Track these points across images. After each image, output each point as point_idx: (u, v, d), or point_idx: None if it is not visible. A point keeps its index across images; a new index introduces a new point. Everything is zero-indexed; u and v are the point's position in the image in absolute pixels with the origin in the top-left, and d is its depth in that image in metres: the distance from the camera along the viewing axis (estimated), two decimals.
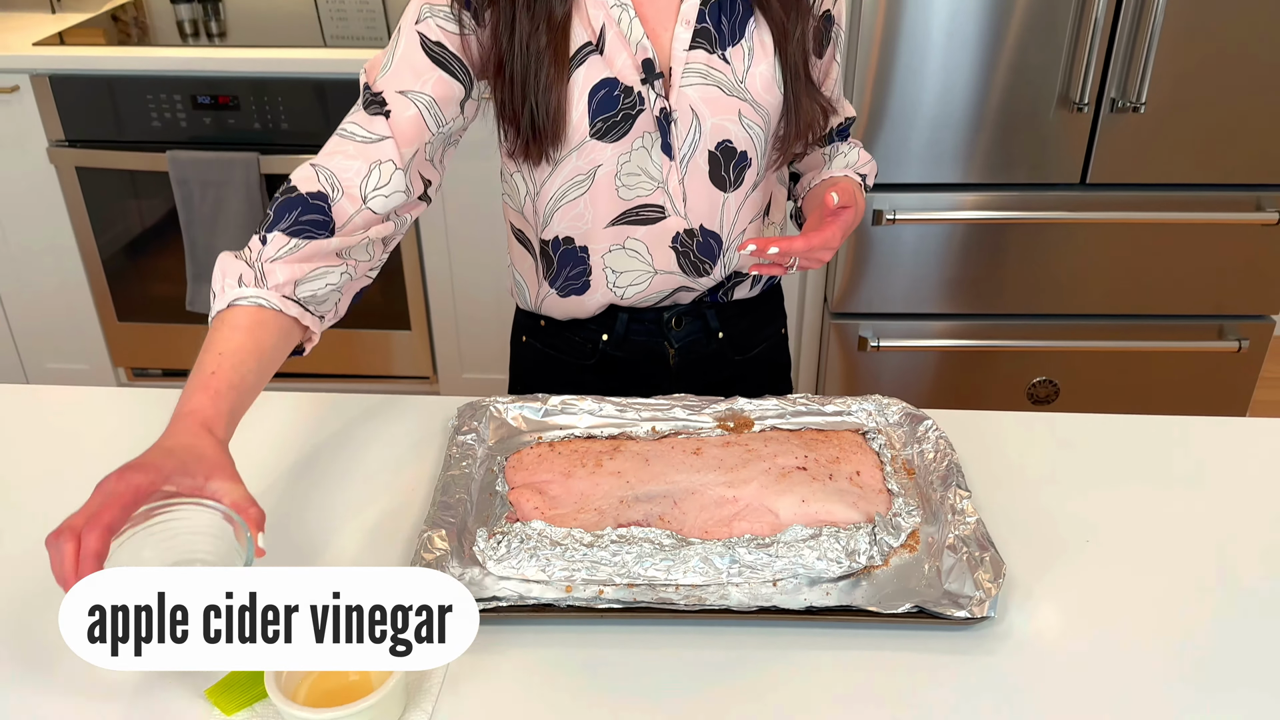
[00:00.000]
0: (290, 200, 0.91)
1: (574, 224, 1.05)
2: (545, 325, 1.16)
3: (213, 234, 2.25)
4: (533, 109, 0.95)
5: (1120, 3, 1.84)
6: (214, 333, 0.86)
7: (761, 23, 0.98)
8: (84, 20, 2.39)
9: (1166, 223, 2.03)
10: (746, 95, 1.00)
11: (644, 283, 1.08)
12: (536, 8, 0.93)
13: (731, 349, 1.17)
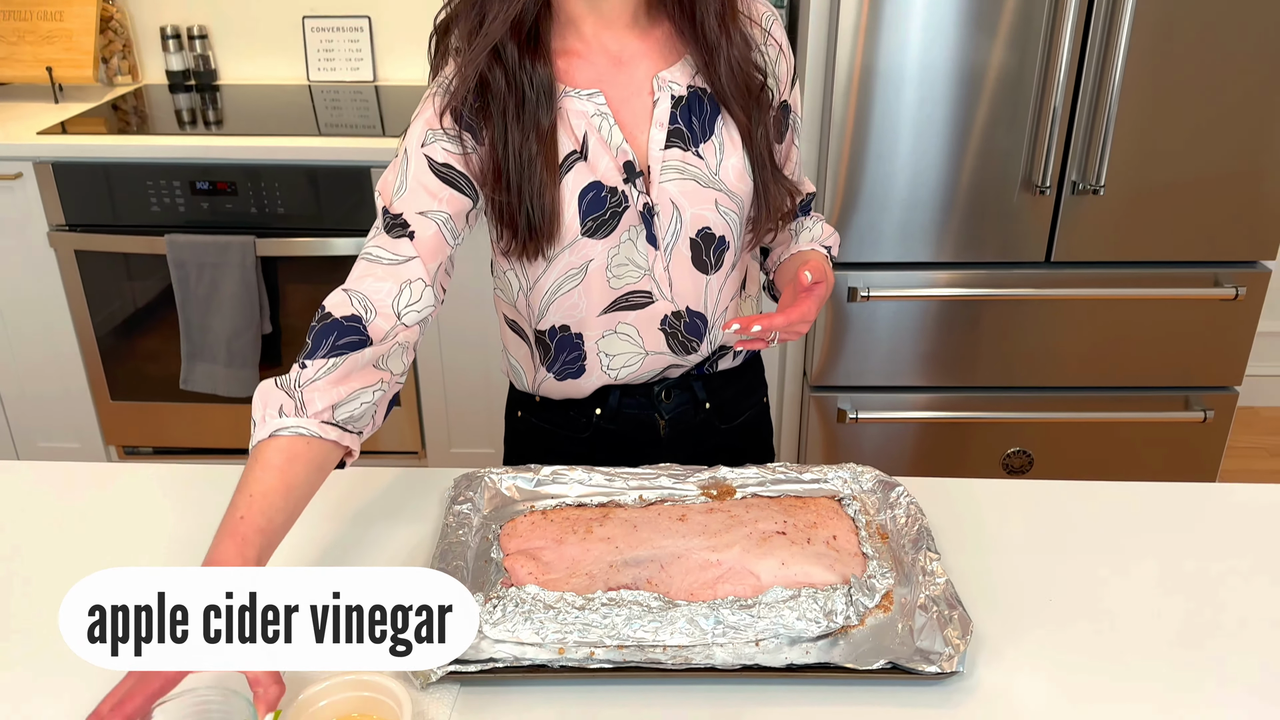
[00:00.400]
0: (326, 326, 0.96)
1: (569, 314, 1.11)
2: (540, 402, 1.22)
3: (207, 314, 2.31)
4: (529, 210, 1.02)
5: (1078, 91, 1.95)
6: (249, 469, 0.89)
7: (728, 120, 1.07)
8: (86, 110, 2.47)
9: (1129, 298, 2.12)
10: (721, 185, 1.08)
11: (636, 363, 1.15)
12: (525, 120, 1.00)
13: (718, 418, 1.23)
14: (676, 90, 1.06)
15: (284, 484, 0.88)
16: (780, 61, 1.12)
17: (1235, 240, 2.09)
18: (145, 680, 0.74)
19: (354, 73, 2.70)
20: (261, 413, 0.92)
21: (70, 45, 2.54)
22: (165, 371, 2.43)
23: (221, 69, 2.75)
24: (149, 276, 2.36)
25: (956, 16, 1.90)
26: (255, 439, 0.91)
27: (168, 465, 1.20)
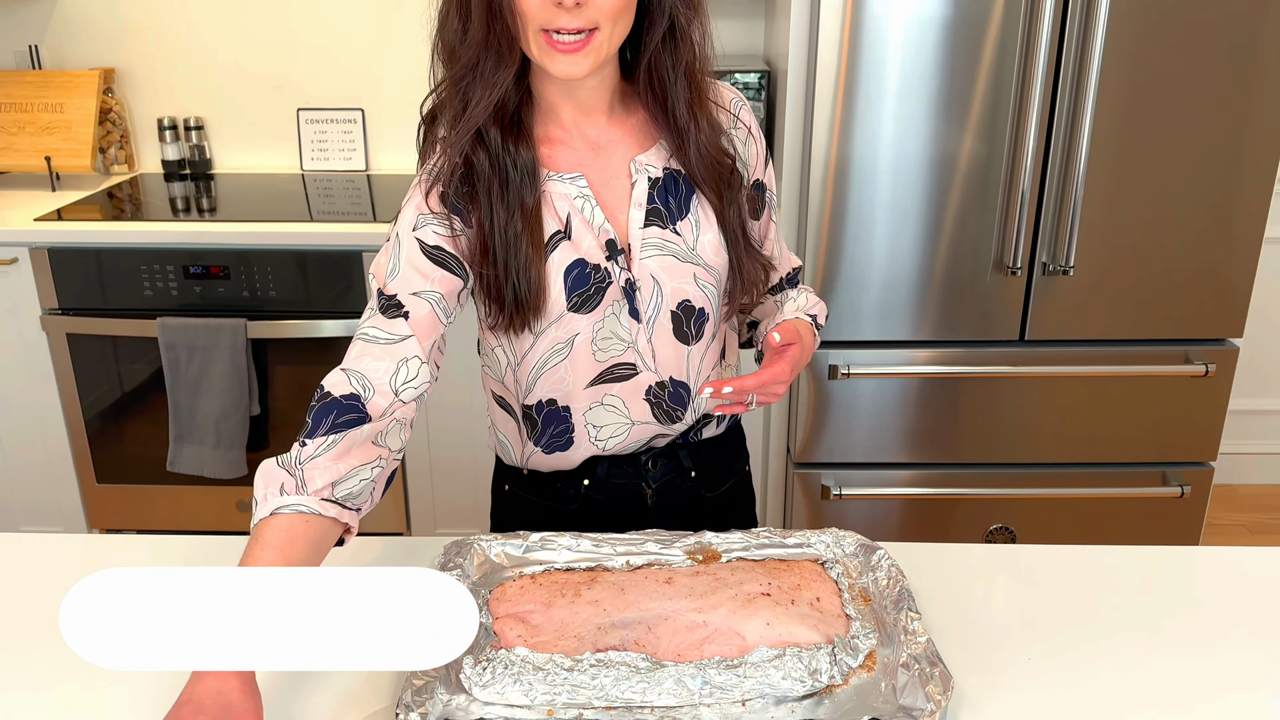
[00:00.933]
0: (326, 405, 0.98)
1: (556, 387, 1.15)
2: (528, 475, 1.25)
3: (197, 395, 2.33)
4: (515, 286, 1.06)
5: (1045, 176, 2.03)
6: (250, 548, 0.90)
7: (702, 198, 1.12)
8: (82, 198, 2.53)
9: (1102, 375, 2.17)
10: (699, 260, 1.12)
11: (623, 434, 1.18)
12: (509, 199, 1.05)
13: (703, 486, 1.26)
14: (653, 172, 1.11)
15: (284, 562, 0.89)
16: (750, 143, 1.18)
17: (1203, 318, 2.15)
18: None
19: (346, 162, 2.78)
20: (263, 491, 0.93)
21: (69, 136, 2.61)
22: (151, 454, 2.44)
23: (216, 158, 2.82)
24: (139, 360, 2.38)
25: (926, 109, 1.99)
26: (256, 517, 0.92)
27: (144, 540, 1.20)
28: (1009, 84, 1.97)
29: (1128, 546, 1.17)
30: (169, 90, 2.76)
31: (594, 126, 1.11)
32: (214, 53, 2.72)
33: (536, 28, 0.98)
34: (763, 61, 2.50)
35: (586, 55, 0.99)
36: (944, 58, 1.96)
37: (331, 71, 2.74)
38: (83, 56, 2.73)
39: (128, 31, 2.70)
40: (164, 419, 2.39)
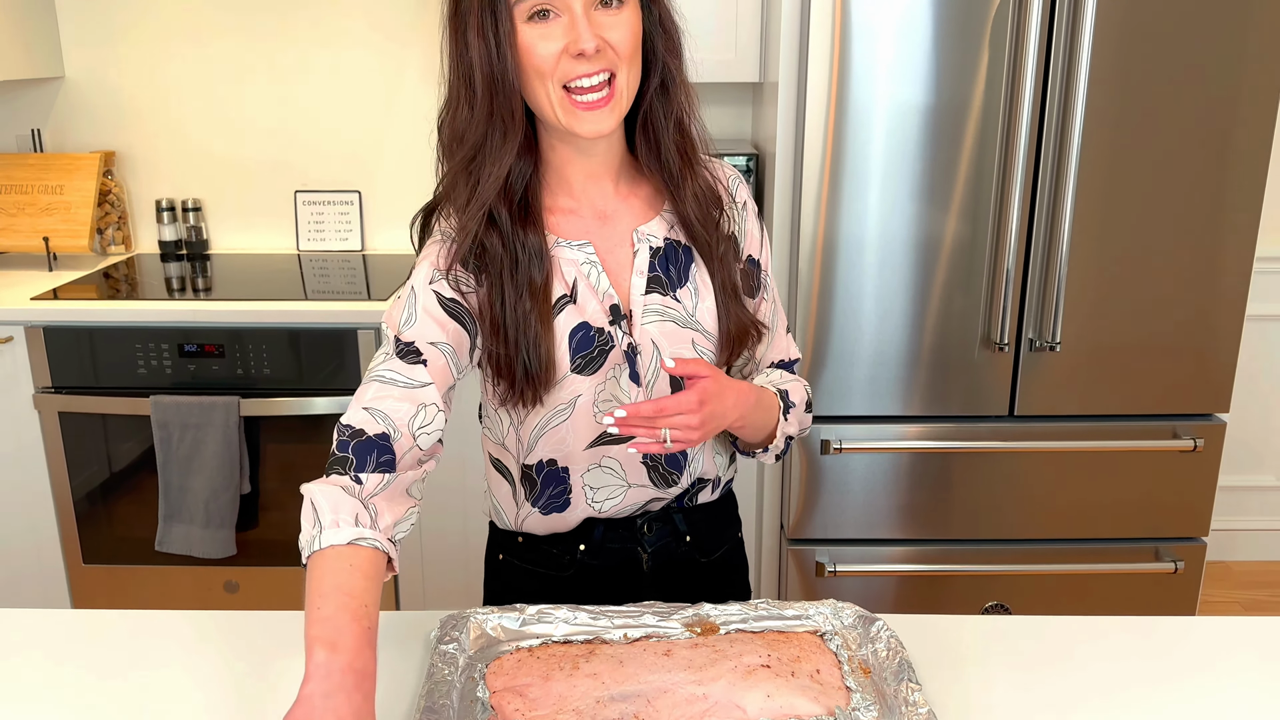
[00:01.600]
0: (364, 443, 1.00)
1: (557, 448, 1.16)
2: (523, 542, 1.25)
3: (188, 474, 2.32)
4: (525, 361, 1.08)
5: (1029, 253, 2.08)
6: (337, 571, 0.90)
7: (701, 267, 1.16)
8: (79, 277, 2.55)
9: (1092, 451, 2.18)
10: (698, 326, 1.15)
11: (619, 496, 1.19)
12: (519, 277, 1.08)
13: (698, 551, 1.26)
14: (654, 242, 1.15)
15: (375, 593, 0.91)
16: (747, 219, 1.21)
17: (1189, 394, 2.18)
18: None
19: (343, 242, 2.82)
20: (334, 516, 0.93)
21: (68, 217, 2.65)
22: (139, 534, 2.42)
23: (213, 239, 2.86)
24: (130, 438, 2.38)
25: (911, 191, 2.04)
26: (332, 540, 0.91)
27: (124, 615, 1.19)
28: (991, 166, 2.02)
29: (1125, 617, 1.17)
30: (168, 172, 2.81)
31: (602, 195, 1.14)
32: (213, 136, 2.78)
33: (559, 85, 1.02)
34: (751, 145, 2.56)
35: (611, 109, 1.04)
36: (926, 142, 2.01)
37: (329, 154, 2.79)
38: (84, 140, 2.78)
39: (129, 115, 2.76)
40: (153, 498, 2.38)
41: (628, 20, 1.02)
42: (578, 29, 0.99)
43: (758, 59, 2.34)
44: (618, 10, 1.02)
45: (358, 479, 0.98)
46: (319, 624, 0.86)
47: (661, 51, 1.08)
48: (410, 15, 2.69)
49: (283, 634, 1.15)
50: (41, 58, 2.64)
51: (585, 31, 0.99)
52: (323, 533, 0.92)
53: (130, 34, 2.71)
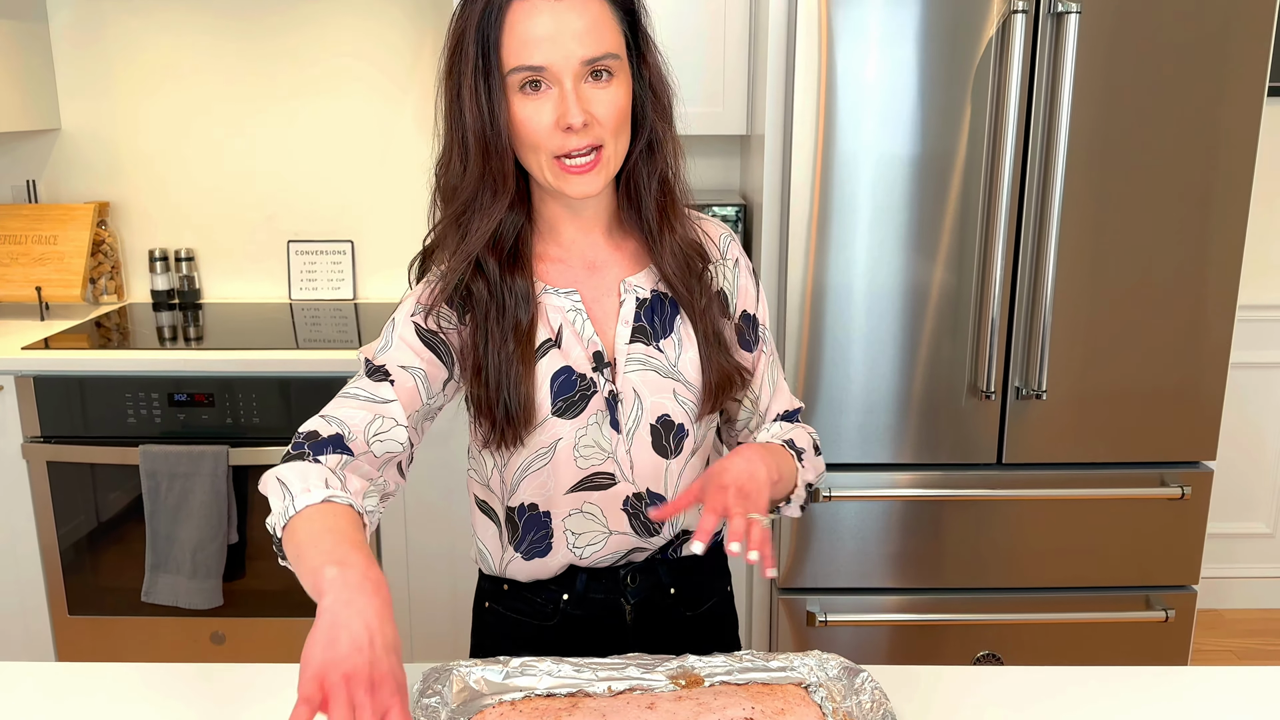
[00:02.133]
0: (319, 442, 1.02)
1: (538, 491, 1.17)
2: (508, 589, 1.25)
3: (175, 524, 2.31)
4: (505, 403, 1.10)
5: (1014, 301, 2.10)
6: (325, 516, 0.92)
7: (685, 320, 1.17)
8: (70, 327, 2.56)
9: (1080, 499, 2.19)
10: (680, 377, 1.17)
11: (600, 543, 1.19)
12: (505, 320, 1.10)
13: (683, 605, 1.26)
14: (641, 293, 1.17)
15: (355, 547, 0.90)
16: (740, 276, 1.23)
17: (1176, 441, 2.19)
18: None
19: (335, 291, 2.83)
20: (303, 484, 0.95)
21: (61, 266, 2.66)
22: (125, 585, 2.40)
23: (206, 288, 2.87)
24: (118, 488, 2.37)
25: (897, 241, 2.06)
26: (307, 502, 0.93)
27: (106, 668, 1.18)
28: (975, 216, 2.05)
29: (1116, 667, 1.17)
30: (162, 222, 2.83)
31: (592, 246, 1.17)
32: (207, 186, 2.81)
33: (550, 155, 1.05)
34: (739, 196, 2.59)
35: (598, 173, 1.06)
36: (912, 192, 2.04)
37: (323, 204, 2.82)
38: (79, 190, 2.80)
39: (124, 166, 2.79)
40: (140, 549, 2.37)
41: (615, 95, 1.04)
42: (566, 103, 1.02)
43: (745, 111, 2.38)
44: (606, 84, 1.04)
45: (316, 460, 1.00)
46: (322, 554, 0.87)
47: (650, 114, 1.11)
48: (405, 66, 2.73)
49: (271, 686, 1.14)
50: (38, 110, 2.67)
51: (574, 107, 1.02)
52: (295, 499, 0.94)
53: (126, 87, 2.75)
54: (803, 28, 1.98)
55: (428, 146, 2.93)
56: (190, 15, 2.70)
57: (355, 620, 0.81)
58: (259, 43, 2.72)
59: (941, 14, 1.96)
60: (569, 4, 1.01)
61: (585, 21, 1.01)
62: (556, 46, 1.01)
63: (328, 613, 0.82)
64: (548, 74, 1.02)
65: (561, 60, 1.01)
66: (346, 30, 2.71)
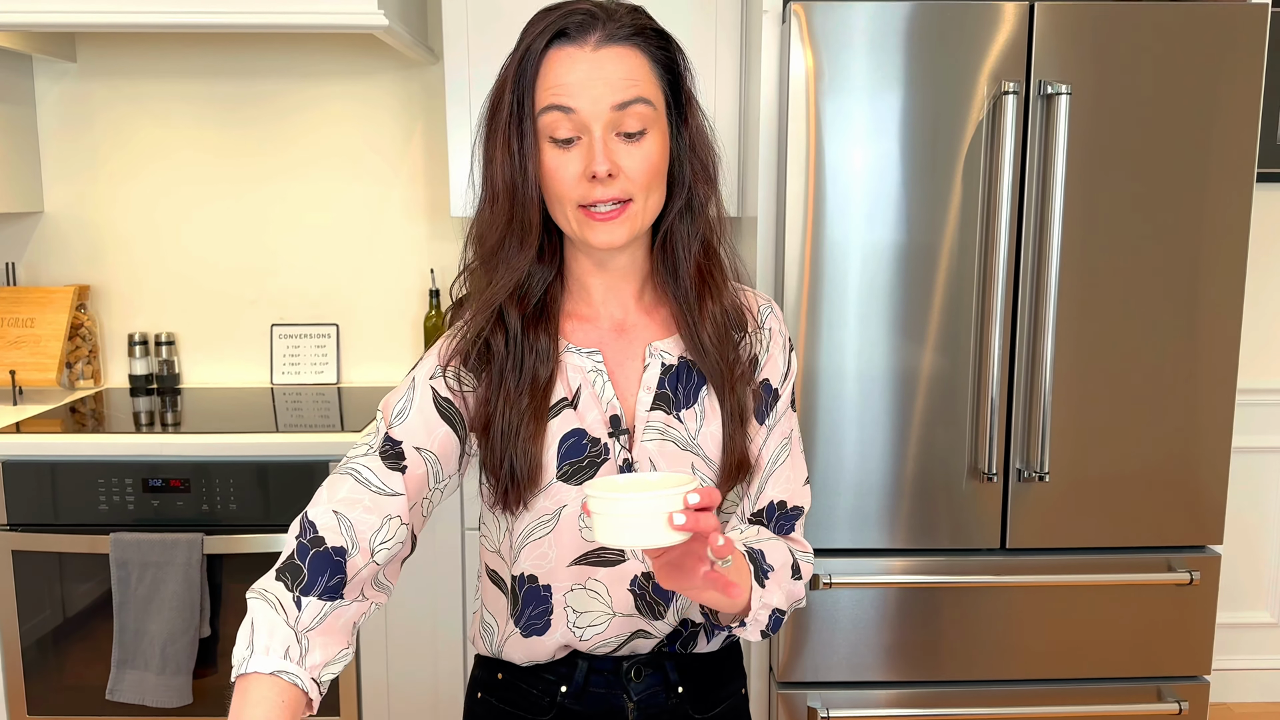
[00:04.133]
0: (320, 556, 0.97)
1: (538, 563, 1.10)
2: (503, 679, 1.17)
3: (145, 617, 2.20)
4: (512, 461, 1.05)
5: (1012, 385, 2.06)
6: (256, 695, 0.91)
7: (711, 392, 1.11)
8: (44, 411, 2.48)
9: (1086, 585, 2.12)
10: (699, 450, 1.10)
11: (603, 624, 1.11)
12: (523, 375, 1.06)
13: (692, 707, 1.17)
14: (668, 359, 1.11)
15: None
16: (774, 345, 1.16)
17: (1181, 525, 2.14)
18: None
19: (318, 375, 2.78)
20: (267, 641, 0.93)
21: (37, 350, 2.60)
22: (89, 683, 2.28)
23: (185, 373, 2.81)
24: (86, 579, 2.27)
25: (887, 327, 2.04)
26: (257, 666, 0.91)
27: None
28: (969, 299, 2.03)
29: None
30: (143, 306, 2.78)
31: (622, 307, 1.13)
32: (190, 270, 2.77)
33: (574, 205, 1.03)
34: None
35: (622, 223, 1.03)
36: (901, 280, 2.02)
37: (307, 287, 2.78)
38: (60, 273, 2.76)
39: (106, 249, 2.76)
40: (106, 645, 2.25)
41: (646, 152, 1.03)
42: (594, 152, 1.01)
43: (736, 194, 2.38)
44: (638, 142, 1.03)
45: (298, 601, 0.95)
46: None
47: (689, 176, 1.09)
48: (394, 151, 2.73)
49: None
50: (22, 192, 2.64)
51: (600, 156, 1.01)
52: (253, 656, 0.92)
53: (111, 170, 2.73)
54: (794, 117, 1.98)
55: (417, 230, 2.93)
56: (178, 102, 2.70)
57: None
58: (246, 129, 2.72)
59: (932, 98, 1.97)
60: (607, 55, 1.01)
61: (621, 71, 1.01)
62: (587, 91, 1.00)
63: None
64: (577, 119, 1.01)
65: (590, 105, 1.00)
66: (334, 115, 2.71)
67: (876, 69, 1.96)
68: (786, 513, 1.17)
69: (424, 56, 2.60)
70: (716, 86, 2.33)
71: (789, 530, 1.18)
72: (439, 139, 2.71)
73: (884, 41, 1.96)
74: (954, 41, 1.96)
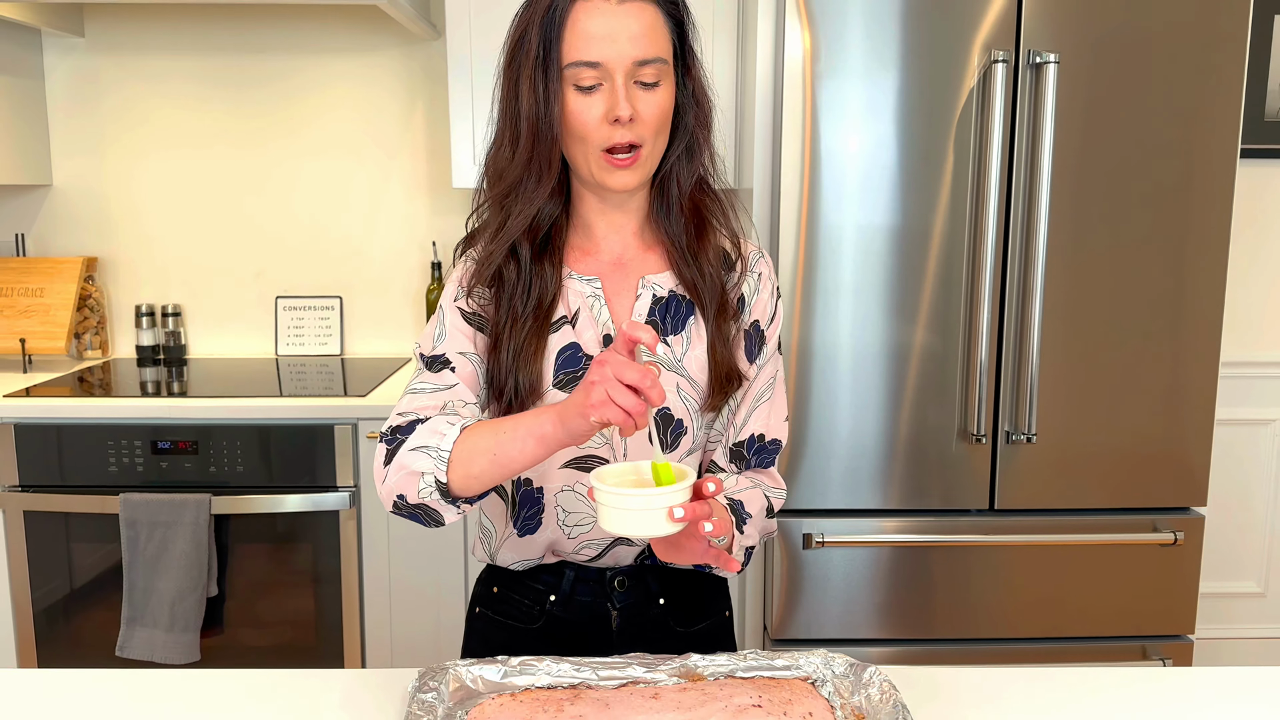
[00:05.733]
0: (404, 427, 1.07)
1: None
2: (498, 593, 1.25)
3: (154, 575, 2.25)
4: (517, 378, 1.13)
5: (1001, 348, 2.12)
6: (482, 429, 1.03)
7: (699, 321, 1.19)
8: (52, 378, 2.53)
9: (1073, 544, 2.17)
10: (684, 372, 1.18)
11: (588, 525, 1.19)
12: (529, 301, 1.14)
13: (673, 619, 1.24)
14: (659, 292, 1.19)
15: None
16: (763, 289, 1.24)
17: (1165, 488, 2.19)
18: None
19: (322, 347, 2.83)
20: (434, 430, 1.04)
21: (46, 319, 2.65)
22: (99, 638, 2.33)
23: (191, 344, 2.86)
24: (96, 539, 2.32)
25: (880, 307, 2.09)
26: (453, 436, 1.03)
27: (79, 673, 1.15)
28: (959, 271, 2.08)
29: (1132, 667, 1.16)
30: (150, 278, 2.83)
31: (621, 244, 1.21)
32: (196, 243, 2.82)
33: (598, 148, 1.11)
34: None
35: (637, 169, 1.12)
36: (894, 260, 2.08)
37: (312, 261, 2.83)
38: (68, 245, 2.81)
39: (113, 223, 2.80)
40: (116, 602, 2.30)
41: (659, 99, 1.12)
42: (616, 97, 1.09)
43: (733, 171, 2.42)
44: (653, 90, 1.11)
45: (410, 431, 1.06)
46: (528, 419, 1.01)
47: (691, 122, 1.17)
48: (396, 129, 2.78)
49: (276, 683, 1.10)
50: (31, 165, 2.69)
51: (623, 101, 1.09)
52: (443, 439, 1.03)
53: (119, 145, 2.78)
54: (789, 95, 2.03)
55: (418, 205, 2.97)
56: (185, 78, 2.75)
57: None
58: (253, 105, 2.77)
59: (929, 71, 2.02)
60: (627, 9, 1.09)
61: (640, 26, 1.09)
62: (612, 45, 1.08)
63: (571, 401, 0.96)
64: (602, 70, 1.09)
65: (615, 58, 1.08)
66: (338, 91, 2.76)
67: (871, 47, 2.01)
68: (765, 445, 1.25)
69: (426, 31, 2.65)
70: (714, 59, 2.38)
71: (768, 463, 1.26)
72: (441, 114, 2.76)
73: (879, 13, 2.00)
74: (948, 14, 2.01)
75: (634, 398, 0.91)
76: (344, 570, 2.34)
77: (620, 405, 0.91)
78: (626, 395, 0.91)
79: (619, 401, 0.91)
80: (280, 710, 1.06)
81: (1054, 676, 1.14)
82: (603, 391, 0.91)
